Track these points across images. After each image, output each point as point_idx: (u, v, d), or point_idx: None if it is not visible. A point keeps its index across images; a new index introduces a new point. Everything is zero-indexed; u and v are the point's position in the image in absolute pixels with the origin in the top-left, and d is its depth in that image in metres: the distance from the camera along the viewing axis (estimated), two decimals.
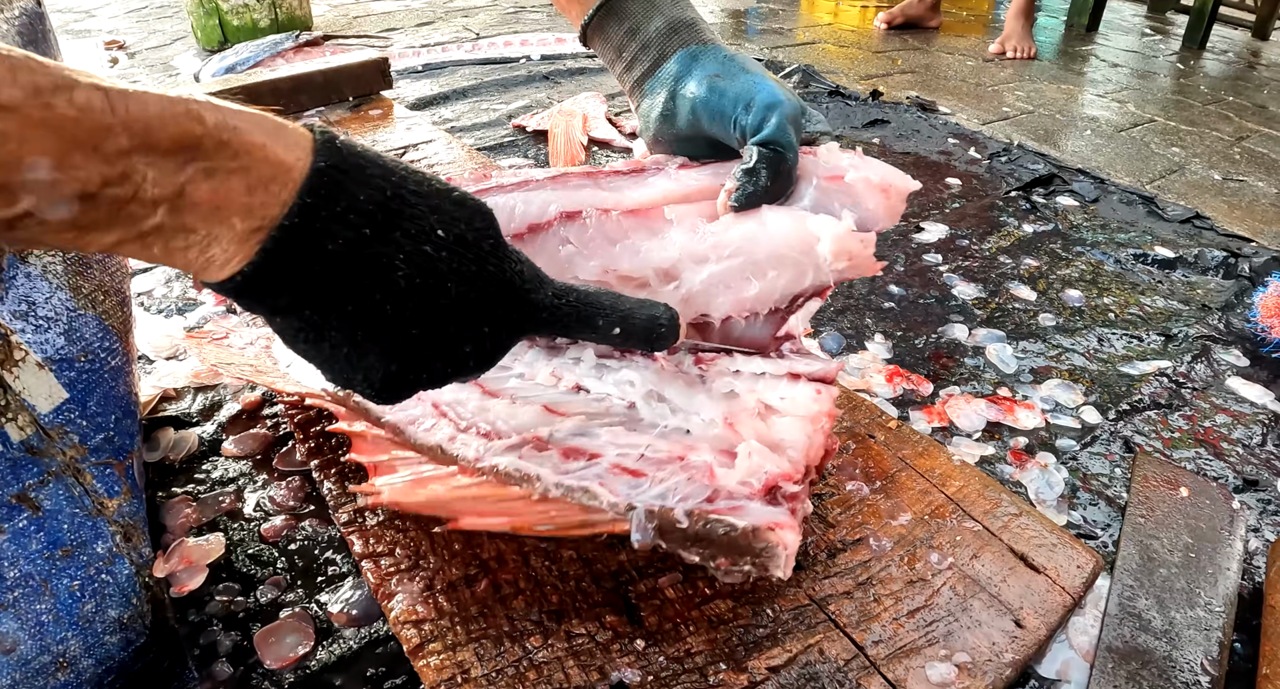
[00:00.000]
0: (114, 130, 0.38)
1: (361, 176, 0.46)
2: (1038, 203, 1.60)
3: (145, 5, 3.39)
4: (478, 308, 0.51)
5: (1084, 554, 0.76)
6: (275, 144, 0.43)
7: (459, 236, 0.49)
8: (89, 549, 0.68)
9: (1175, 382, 1.09)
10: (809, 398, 0.70)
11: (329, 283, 0.46)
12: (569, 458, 0.66)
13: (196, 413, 0.96)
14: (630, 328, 0.59)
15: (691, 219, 0.76)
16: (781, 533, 0.59)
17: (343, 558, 0.78)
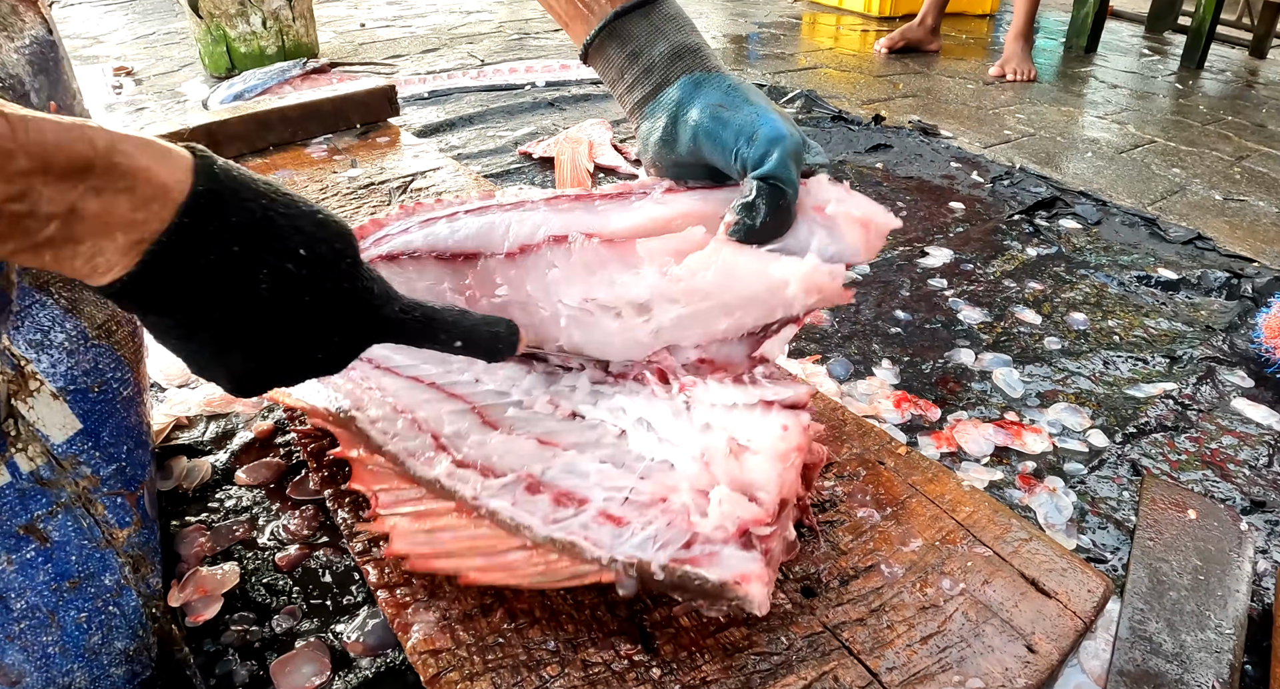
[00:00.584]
0: (15, 154, 0.42)
1: (235, 199, 0.51)
2: (1041, 226, 1.62)
3: (153, 32, 3.43)
4: (330, 319, 0.57)
5: (1094, 578, 0.76)
6: (159, 167, 0.48)
7: (319, 255, 0.55)
8: (96, 581, 0.68)
9: (1181, 403, 1.10)
10: (777, 436, 0.69)
11: (199, 291, 0.51)
12: (559, 504, 0.69)
13: (209, 441, 0.97)
14: (471, 342, 0.66)
15: (662, 257, 0.77)
16: (749, 586, 0.61)
17: (358, 587, 0.78)
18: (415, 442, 0.78)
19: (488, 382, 0.85)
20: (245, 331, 0.54)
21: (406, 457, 0.77)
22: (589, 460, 0.73)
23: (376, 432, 0.80)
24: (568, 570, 0.66)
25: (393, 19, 3.42)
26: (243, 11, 2.57)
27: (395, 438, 0.79)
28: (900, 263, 1.44)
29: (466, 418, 0.80)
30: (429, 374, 0.87)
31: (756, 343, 0.78)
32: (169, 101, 2.45)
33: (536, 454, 0.74)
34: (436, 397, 0.84)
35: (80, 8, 4.25)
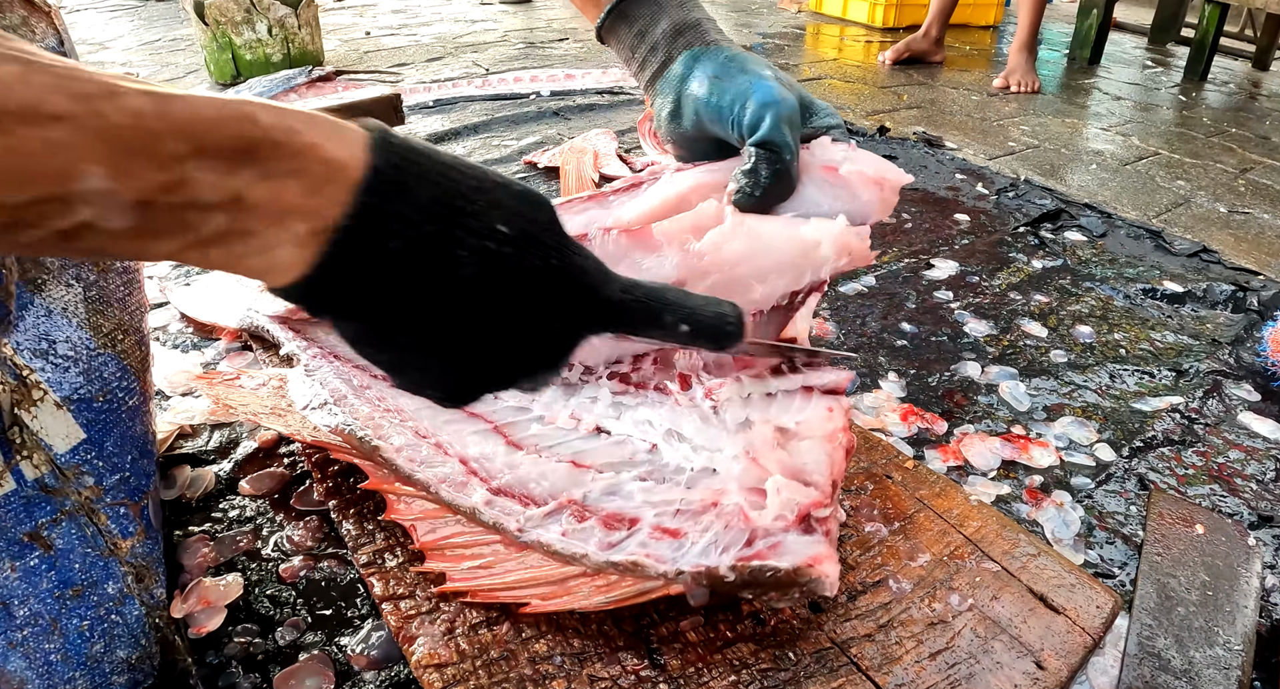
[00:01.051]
0: (166, 135, 0.37)
1: (419, 174, 0.45)
2: (1046, 238, 1.61)
3: (158, 38, 3.43)
4: (545, 304, 0.50)
5: (1103, 594, 0.76)
6: (331, 144, 0.42)
7: (522, 231, 0.48)
8: (100, 589, 0.68)
9: (1188, 417, 1.10)
10: (823, 417, 0.71)
11: (394, 283, 0.45)
12: (610, 527, 0.69)
13: (213, 450, 0.97)
14: (698, 324, 0.57)
15: (681, 236, 0.77)
16: (821, 567, 0.61)
17: (362, 599, 0.78)
18: (444, 468, 0.78)
19: (506, 398, 0.85)
20: (450, 327, 0.48)
21: (438, 484, 0.77)
22: (629, 479, 0.73)
23: (403, 460, 0.80)
24: (633, 589, 0.67)
25: (398, 27, 3.43)
26: (248, 19, 2.57)
27: (423, 465, 0.79)
28: (906, 275, 1.44)
29: (490, 439, 0.81)
30: None
31: (785, 317, 0.78)
32: None
33: (574, 478, 0.74)
34: (456, 416, 0.84)
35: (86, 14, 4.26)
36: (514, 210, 0.48)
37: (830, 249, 0.73)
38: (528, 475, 0.76)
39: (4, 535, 0.63)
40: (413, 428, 0.84)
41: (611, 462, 0.76)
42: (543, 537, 0.71)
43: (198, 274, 1.39)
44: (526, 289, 0.48)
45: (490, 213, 0.47)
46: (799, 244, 0.74)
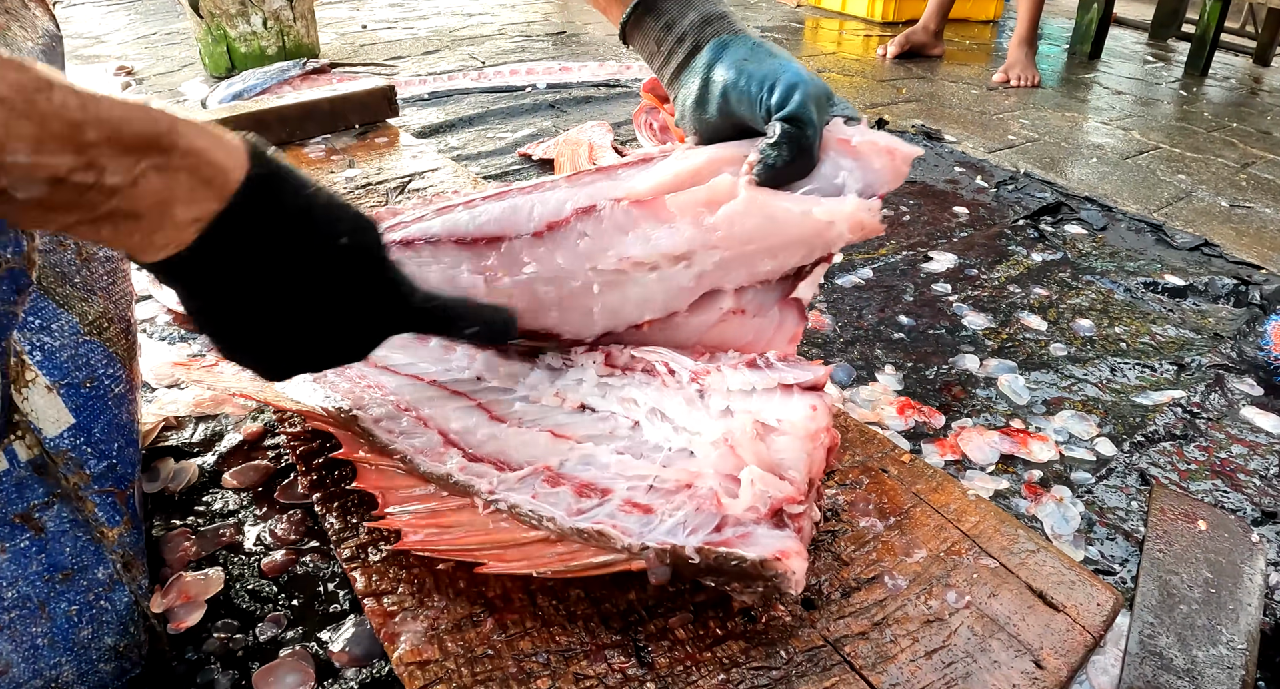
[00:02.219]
0: (85, 125, 0.44)
1: (286, 186, 0.54)
2: (1046, 231, 1.60)
3: (154, 32, 3.41)
4: (363, 307, 0.61)
5: (1103, 591, 0.74)
6: (218, 149, 0.51)
7: (358, 245, 0.59)
8: (90, 574, 0.67)
9: (1190, 412, 1.08)
10: (805, 416, 0.70)
11: (247, 271, 0.54)
12: (582, 495, 0.69)
13: (197, 443, 0.95)
14: (483, 326, 0.70)
15: (694, 209, 0.78)
16: (789, 561, 0.61)
17: (344, 594, 0.76)
18: (423, 439, 0.78)
19: (490, 379, 0.84)
20: (284, 314, 0.57)
21: (415, 454, 0.76)
22: (607, 452, 0.73)
23: (381, 431, 0.79)
24: (595, 560, 0.66)
25: (394, 20, 3.41)
26: (243, 12, 2.55)
27: (401, 436, 0.78)
28: (904, 267, 1.42)
29: (474, 414, 0.80)
30: (428, 372, 0.86)
31: (790, 286, 0.82)
32: (168, 101, 2.43)
33: (551, 447, 0.74)
34: (440, 394, 0.83)
35: (83, 8, 4.24)
36: (356, 227, 0.59)
37: (843, 227, 0.75)
38: (506, 444, 0.75)
39: None
40: (393, 401, 0.82)
41: (593, 435, 0.76)
42: (512, 497, 0.70)
43: None
44: (350, 293, 0.60)
45: (336, 226, 0.57)
46: (812, 224, 0.76)
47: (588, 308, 0.81)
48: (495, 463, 0.74)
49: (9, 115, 0.41)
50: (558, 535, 0.68)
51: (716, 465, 0.68)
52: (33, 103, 0.42)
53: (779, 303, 0.82)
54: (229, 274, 0.54)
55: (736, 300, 0.81)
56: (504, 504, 0.70)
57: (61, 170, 0.44)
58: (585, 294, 0.81)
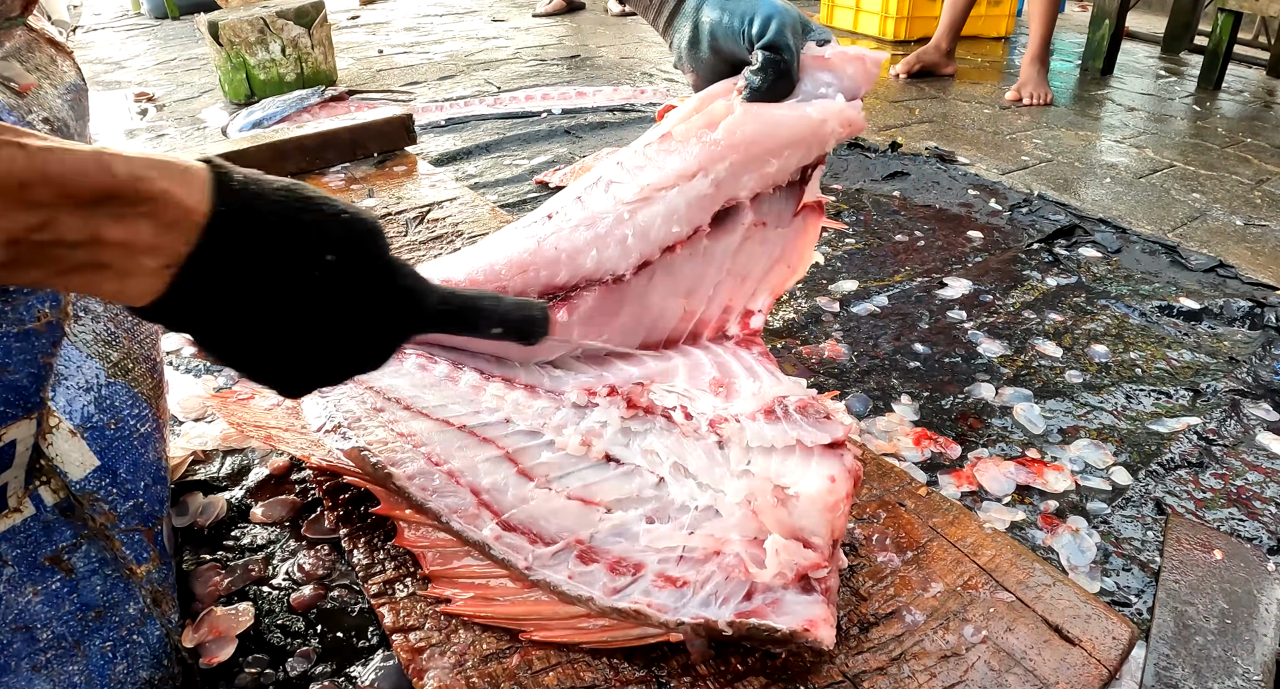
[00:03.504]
0: (34, 184, 0.43)
1: (254, 214, 0.52)
2: (1060, 255, 1.60)
3: (174, 57, 3.46)
4: (369, 319, 0.59)
5: (1119, 624, 0.75)
6: (179, 189, 0.49)
7: (349, 259, 0.56)
8: (121, 610, 0.68)
9: (1205, 439, 1.09)
10: (824, 489, 0.72)
11: (231, 306, 0.53)
12: (616, 572, 0.72)
13: (225, 477, 0.97)
14: (509, 326, 0.66)
15: (698, 130, 0.88)
16: (818, 631, 0.64)
17: (373, 630, 0.78)
18: (455, 498, 0.80)
19: (518, 421, 0.87)
20: (283, 339, 0.56)
21: (449, 515, 0.79)
22: (636, 520, 0.76)
23: (415, 488, 0.81)
24: (634, 632, 0.69)
25: (410, 45, 3.45)
26: (262, 39, 2.59)
27: (435, 495, 0.81)
28: (919, 294, 1.43)
29: (501, 466, 0.82)
30: (458, 415, 0.88)
31: (799, 191, 0.92)
32: (189, 128, 2.47)
33: (582, 516, 0.77)
34: (469, 442, 0.86)
35: (103, 33, 4.30)
36: (343, 240, 0.56)
37: (835, 123, 0.87)
38: (538, 512, 0.78)
39: (25, 560, 0.64)
40: (426, 454, 0.84)
41: (620, 497, 0.78)
42: (550, 577, 0.73)
43: None
44: (353, 305, 0.57)
45: (320, 244, 0.55)
46: (807, 122, 0.87)
47: (621, 236, 0.89)
48: (529, 534, 0.77)
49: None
50: (597, 612, 0.71)
51: (741, 529, 0.71)
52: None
53: (795, 210, 0.93)
54: (216, 310, 0.53)
55: (756, 212, 0.91)
56: (542, 582, 0.73)
57: (16, 231, 0.43)
58: (618, 224, 0.88)
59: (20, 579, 0.63)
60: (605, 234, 0.89)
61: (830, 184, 1.96)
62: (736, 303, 0.96)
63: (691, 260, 0.91)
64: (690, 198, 0.88)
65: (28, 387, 0.61)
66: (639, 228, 0.88)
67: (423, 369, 0.95)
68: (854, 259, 1.56)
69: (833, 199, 1.84)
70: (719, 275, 0.93)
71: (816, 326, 1.33)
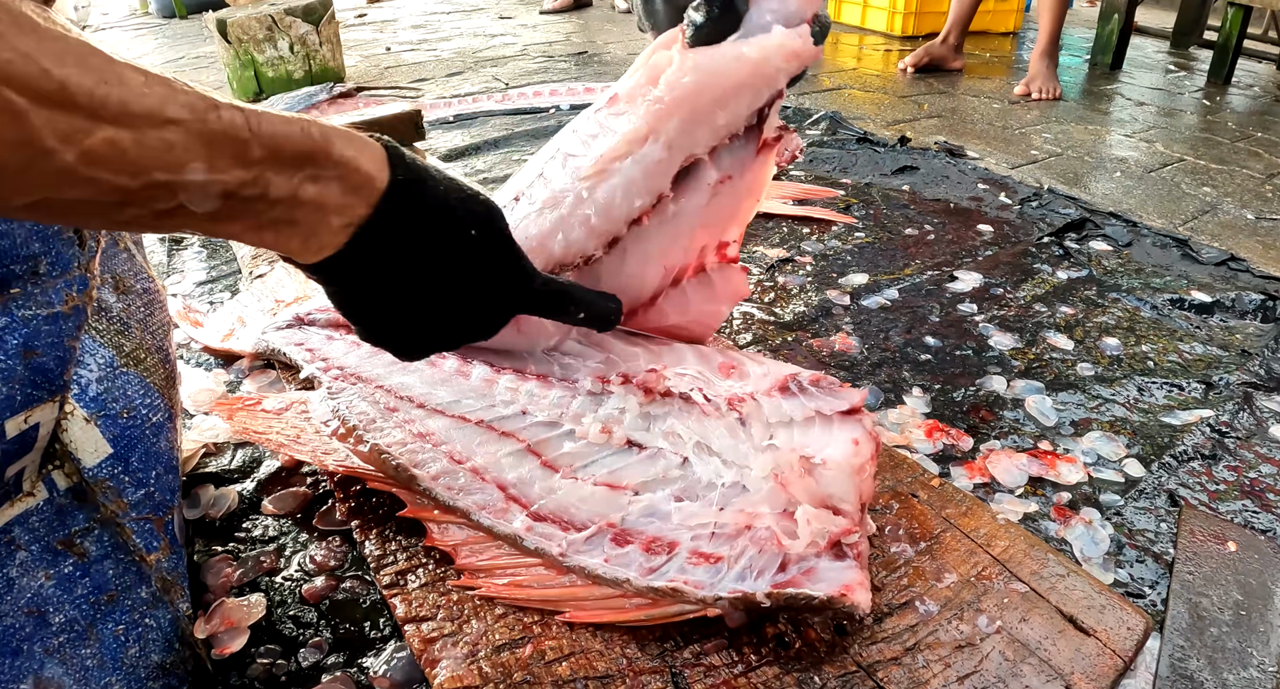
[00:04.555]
0: (251, 143, 0.48)
1: (423, 187, 0.60)
2: (1071, 248, 1.60)
3: (182, 56, 3.47)
4: (494, 290, 0.67)
5: (1134, 615, 0.74)
6: (363, 158, 0.56)
7: (487, 234, 0.64)
8: (133, 594, 0.69)
9: (1219, 431, 1.08)
10: (848, 452, 0.73)
11: (394, 266, 0.60)
12: (650, 551, 0.73)
13: (236, 469, 0.97)
14: (591, 312, 0.76)
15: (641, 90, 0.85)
16: (854, 595, 0.66)
17: (385, 620, 0.78)
18: (482, 495, 0.81)
19: (535, 412, 0.87)
20: (425, 302, 0.63)
21: (478, 511, 0.80)
22: (665, 500, 0.76)
23: (441, 488, 0.82)
24: (672, 610, 0.70)
25: (417, 42, 3.45)
26: (270, 36, 2.59)
27: (462, 492, 0.81)
28: (929, 287, 1.43)
29: (525, 460, 0.83)
30: (473, 410, 0.88)
31: (758, 134, 0.87)
32: None
33: (611, 500, 0.77)
34: (488, 437, 0.86)
35: (112, 31, 4.31)
36: (484, 218, 0.64)
37: (778, 58, 0.81)
38: (567, 500, 0.78)
39: (38, 543, 0.64)
40: (447, 452, 0.84)
41: (646, 480, 0.78)
42: (586, 562, 0.74)
43: (221, 294, 1.40)
44: (482, 278, 0.65)
45: (468, 219, 0.63)
46: (747, 63, 0.81)
47: (584, 217, 0.85)
48: (559, 522, 0.77)
49: (185, 136, 0.44)
50: (634, 592, 0.72)
51: (770, 502, 0.72)
52: (205, 123, 0.45)
53: (756, 153, 0.87)
54: (377, 270, 0.59)
55: (716, 167, 0.86)
56: (577, 566, 0.74)
57: (232, 185, 0.48)
58: (579, 204, 0.85)
59: (33, 563, 0.64)
60: (568, 215, 0.85)
61: (840, 178, 1.96)
62: (710, 243, 0.93)
63: (661, 227, 0.87)
64: (646, 166, 0.83)
65: (53, 369, 0.62)
66: (600, 206, 0.84)
67: (431, 365, 0.95)
68: (864, 253, 1.56)
69: (842, 193, 1.85)
70: (691, 233, 0.89)
71: (827, 319, 1.32)
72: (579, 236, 0.85)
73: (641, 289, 0.92)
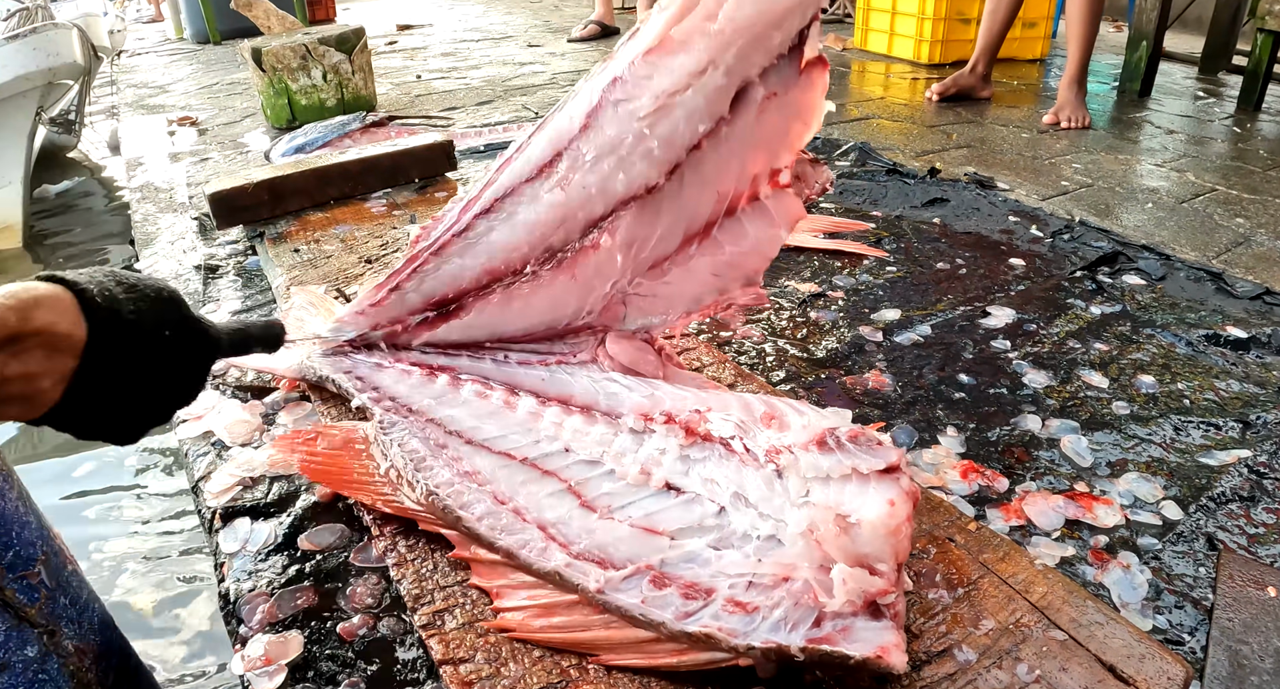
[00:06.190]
0: None
1: (118, 319, 0.66)
2: (1104, 282, 1.59)
3: (216, 81, 3.53)
4: (193, 366, 0.75)
5: (1173, 664, 0.74)
6: (59, 319, 0.62)
7: (177, 328, 0.72)
8: (23, 654, 0.73)
9: (1256, 472, 1.07)
10: (884, 513, 0.72)
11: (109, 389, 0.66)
12: (687, 597, 0.73)
13: (273, 503, 0.98)
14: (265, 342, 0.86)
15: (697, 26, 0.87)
16: (890, 659, 0.65)
17: (421, 661, 0.78)
18: (524, 534, 0.82)
19: (578, 450, 0.89)
20: (138, 399, 0.70)
21: (519, 549, 0.81)
22: (702, 546, 0.77)
23: (485, 529, 0.83)
24: (704, 657, 0.71)
25: (447, 70, 3.49)
26: (304, 65, 2.63)
27: (504, 532, 0.83)
28: (962, 323, 1.43)
29: (565, 500, 0.84)
30: (518, 446, 0.90)
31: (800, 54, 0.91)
32: (231, 152, 2.51)
33: (648, 543, 0.79)
34: (531, 476, 0.88)
35: (147, 57, 4.39)
36: (171, 316, 0.72)
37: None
38: (604, 540, 0.80)
39: None
40: (491, 492, 0.86)
41: (683, 526, 0.79)
42: (622, 601, 0.74)
43: None
44: (182, 362, 0.73)
45: (160, 325, 0.70)
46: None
47: (647, 151, 0.90)
48: (597, 560, 0.78)
49: None
50: (668, 636, 0.72)
51: (806, 559, 0.72)
52: None
53: (800, 72, 0.91)
54: (93, 400, 0.66)
55: (764, 85, 0.91)
56: (613, 605, 0.75)
57: None
58: (640, 141, 0.90)
59: None
60: (628, 155, 0.90)
61: (870, 211, 1.96)
62: (763, 168, 0.97)
63: (716, 150, 0.92)
64: (707, 94, 0.88)
65: None
66: (663, 138, 0.90)
67: (481, 397, 0.97)
68: (896, 287, 1.56)
69: (872, 225, 1.85)
70: (743, 153, 0.94)
71: (860, 356, 1.32)
72: (641, 169, 0.91)
73: (696, 214, 0.96)
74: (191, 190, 2.21)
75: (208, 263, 1.71)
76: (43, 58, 4.40)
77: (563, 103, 0.95)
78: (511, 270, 0.99)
